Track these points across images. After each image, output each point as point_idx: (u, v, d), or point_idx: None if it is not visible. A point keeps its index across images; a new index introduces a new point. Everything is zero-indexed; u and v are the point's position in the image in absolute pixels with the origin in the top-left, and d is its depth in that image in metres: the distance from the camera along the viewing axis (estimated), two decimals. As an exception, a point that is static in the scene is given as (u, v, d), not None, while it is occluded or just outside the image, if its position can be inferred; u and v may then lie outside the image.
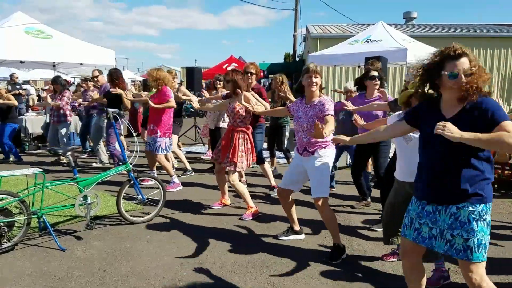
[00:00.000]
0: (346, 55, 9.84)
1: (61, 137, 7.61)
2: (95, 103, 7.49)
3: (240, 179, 5.56)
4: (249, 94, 4.73)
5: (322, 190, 3.51)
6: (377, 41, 9.58)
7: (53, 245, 3.76)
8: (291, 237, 4.02)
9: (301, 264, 3.46)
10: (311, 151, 3.55)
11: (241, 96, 4.58)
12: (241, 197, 4.75)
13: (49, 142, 7.96)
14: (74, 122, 8.86)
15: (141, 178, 4.62)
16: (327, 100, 3.53)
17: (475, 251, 2.08)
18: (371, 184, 5.67)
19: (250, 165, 4.83)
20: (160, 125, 5.76)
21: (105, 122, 7.03)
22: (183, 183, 6.05)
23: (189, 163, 6.92)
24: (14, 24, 8.35)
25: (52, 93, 8.01)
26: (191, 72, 10.28)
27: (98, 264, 3.45)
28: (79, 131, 8.82)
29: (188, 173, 6.78)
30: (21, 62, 8.86)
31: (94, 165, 7.45)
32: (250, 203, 4.70)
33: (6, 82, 16.60)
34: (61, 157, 7.61)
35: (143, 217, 4.51)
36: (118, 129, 5.23)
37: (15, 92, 11.78)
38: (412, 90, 2.87)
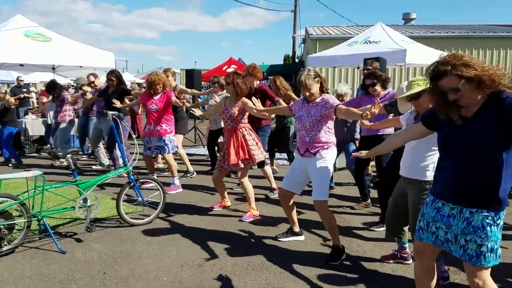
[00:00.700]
0: (345, 56, 9.84)
1: (59, 139, 7.59)
2: (94, 106, 7.51)
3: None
4: (247, 100, 4.62)
5: (323, 193, 3.51)
6: (376, 42, 9.58)
7: (53, 247, 3.77)
8: (291, 239, 4.02)
9: (301, 266, 3.46)
10: (313, 152, 3.54)
11: (245, 103, 4.57)
12: (246, 196, 4.75)
13: (53, 144, 7.98)
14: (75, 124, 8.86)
15: (141, 180, 4.63)
16: (329, 96, 3.54)
17: (487, 256, 2.06)
18: (370, 185, 5.69)
19: (266, 155, 4.82)
20: (172, 124, 5.82)
21: (105, 124, 7.03)
22: (183, 185, 6.06)
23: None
24: (13, 27, 8.35)
25: (51, 99, 8.03)
26: (190, 74, 10.28)
27: (98, 266, 3.45)
28: (78, 133, 8.83)
29: (189, 174, 6.77)
30: (20, 65, 8.86)
31: (94, 167, 7.46)
32: (253, 204, 4.71)
33: (7, 85, 16.63)
34: (60, 159, 7.63)
35: (143, 219, 4.51)
36: (119, 130, 5.22)
37: (19, 96, 11.77)
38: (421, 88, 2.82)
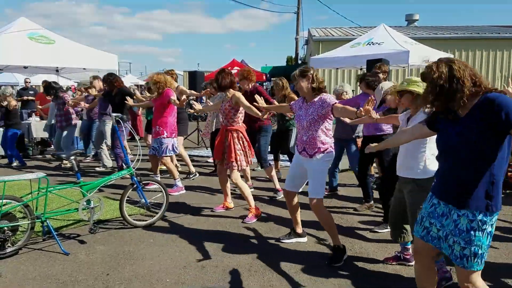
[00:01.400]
0: (348, 57, 9.85)
1: (64, 141, 7.63)
2: (96, 107, 7.54)
3: (246, 182, 5.58)
4: (239, 94, 4.67)
5: (317, 191, 3.53)
6: (379, 44, 9.59)
7: (56, 249, 3.78)
8: (293, 240, 4.02)
9: (303, 267, 3.46)
10: (310, 154, 3.56)
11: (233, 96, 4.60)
12: (243, 196, 4.76)
13: (55, 146, 8.01)
14: (77, 126, 8.89)
15: (144, 182, 4.64)
16: (327, 96, 3.56)
17: (470, 260, 2.11)
18: (373, 186, 5.67)
19: (251, 162, 4.85)
20: (166, 126, 5.77)
21: (107, 126, 7.06)
22: (185, 187, 6.07)
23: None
24: (17, 30, 8.41)
25: (52, 99, 8.06)
26: (193, 75, 10.30)
27: (101, 268, 3.46)
28: (82, 135, 8.86)
29: (191, 176, 6.78)
30: (24, 67, 8.92)
31: (98, 169, 7.48)
32: (251, 203, 4.71)
33: (11, 87, 16.67)
34: (64, 161, 7.66)
35: (146, 220, 4.52)
36: (121, 131, 5.26)
37: (22, 98, 11.80)
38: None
